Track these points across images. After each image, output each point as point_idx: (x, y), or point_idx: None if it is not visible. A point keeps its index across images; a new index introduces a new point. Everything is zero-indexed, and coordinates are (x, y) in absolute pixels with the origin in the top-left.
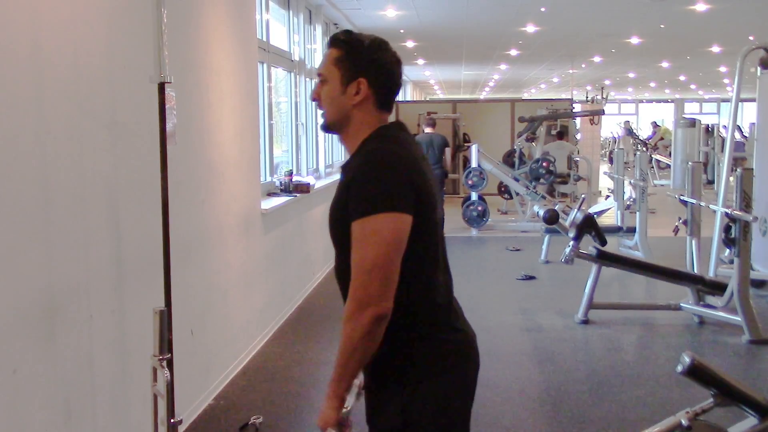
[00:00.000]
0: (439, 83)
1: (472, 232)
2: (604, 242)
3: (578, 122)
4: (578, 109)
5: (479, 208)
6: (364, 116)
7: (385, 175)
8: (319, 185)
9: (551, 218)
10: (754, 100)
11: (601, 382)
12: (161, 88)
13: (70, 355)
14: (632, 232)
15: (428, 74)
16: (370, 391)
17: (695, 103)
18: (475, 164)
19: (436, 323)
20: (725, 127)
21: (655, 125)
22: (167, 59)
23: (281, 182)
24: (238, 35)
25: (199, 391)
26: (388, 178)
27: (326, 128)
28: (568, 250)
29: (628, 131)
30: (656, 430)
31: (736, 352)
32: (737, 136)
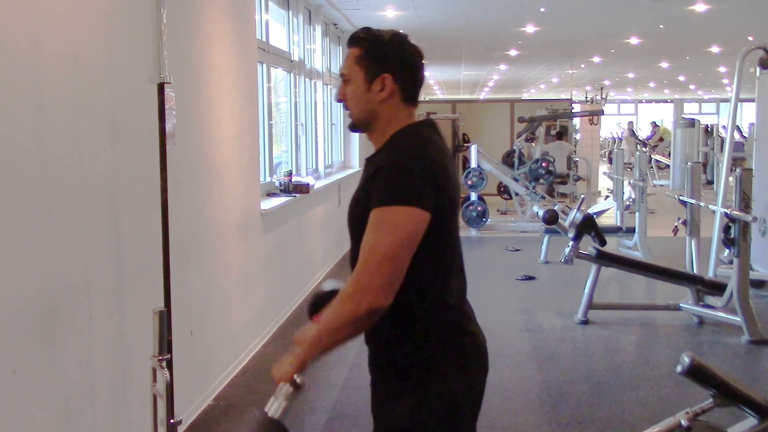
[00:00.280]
0: (438, 83)
1: (471, 232)
2: (603, 242)
3: (578, 122)
4: (578, 109)
5: (479, 208)
6: (391, 112)
7: (411, 169)
8: (318, 185)
9: (551, 218)
10: (753, 100)
11: (600, 382)
12: (161, 88)
13: (69, 355)
14: (632, 232)
15: (428, 74)
16: (378, 387)
17: (694, 103)
18: (474, 164)
19: (447, 325)
20: (724, 127)
21: (654, 125)
22: (167, 59)
23: (281, 182)
24: (237, 35)
25: (198, 391)
26: (413, 173)
27: (354, 128)
28: (567, 250)
29: (631, 132)
30: (656, 430)
31: (735, 352)
32: (736, 136)
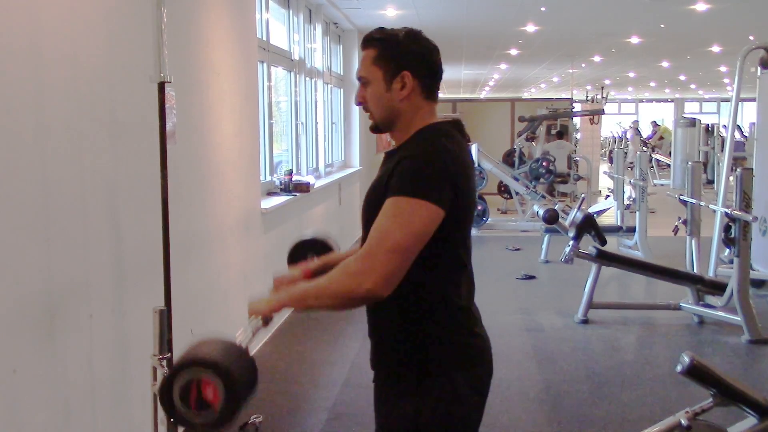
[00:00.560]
0: None
1: (471, 231)
2: (603, 242)
3: (578, 122)
4: (578, 108)
5: (479, 207)
6: (413, 109)
7: (432, 165)
8: (319, 185)
9: (551, 218)
10: (754, 99)
11: (600, 381)
12: (161, 87)
13: (69, 354)
14: (632, 231)
15: None
16: (381, 385)
17: (695, 102)
18: (474, 163)
19: (455, 326)
20: (725, 126)
21: (655, 125)
22: (167, 59)
23: (281, 181)
24: (238, 34)
25: None
26: (434, 168)
27: (376, 129)
28: (567, 249)
29: (636, 131)
30: (656, 429)
31: (735, 351)
32: (737, 135)
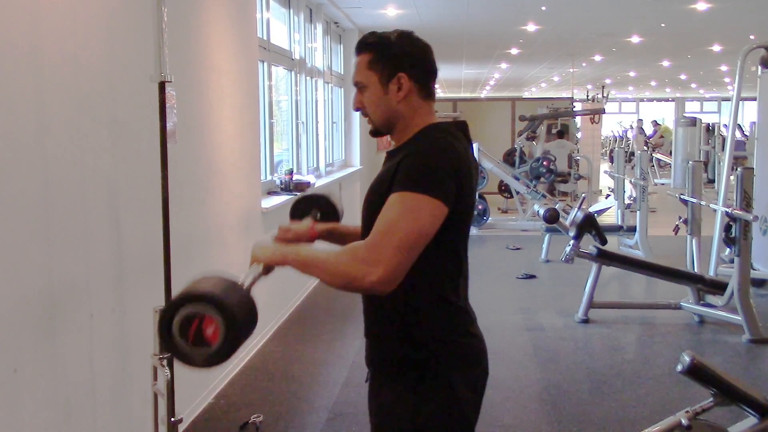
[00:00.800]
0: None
1: (472, 230)
2: (604, 241)
3: (579, 121)
4: (579, 107)
5: (479, 206)
6: (411, 109)
7: (437, 161)
8: (319, 184)
9: (551, 217)
10: (754, 99)
11: (601, 381)
12: (162, 87)
13: (70, 354)
14: (632, 231)
15: None
16: (376, 384)
17: (696, 101)
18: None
19: (452, 325)
20: (726, 126)
21: (655, 124)
22: (167, 58)
23: (281, 181)
24: (238, 34)
25: (199, 389)
26: (439, 165)
27: (376, 133)
28: (568, 249)
29: (640, 130)
30: (656, 429)
31: (736, 351)
32: (738, 135)
